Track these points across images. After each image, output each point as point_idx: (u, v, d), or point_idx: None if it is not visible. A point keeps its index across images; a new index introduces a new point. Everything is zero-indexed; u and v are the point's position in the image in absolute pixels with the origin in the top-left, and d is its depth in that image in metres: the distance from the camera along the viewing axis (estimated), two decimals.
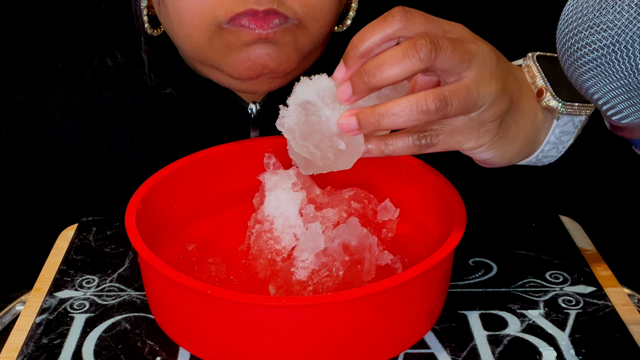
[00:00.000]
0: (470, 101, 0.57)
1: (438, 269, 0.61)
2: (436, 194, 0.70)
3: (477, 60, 0.57)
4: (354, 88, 0.57)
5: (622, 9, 0.48)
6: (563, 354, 0.61)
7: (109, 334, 0.64)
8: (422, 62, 0.54)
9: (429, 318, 0.63)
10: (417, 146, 0.58)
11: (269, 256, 0.65)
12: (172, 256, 0.68)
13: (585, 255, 0.73)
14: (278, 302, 0.57)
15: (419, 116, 0.56)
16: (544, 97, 0.64)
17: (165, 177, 0.71)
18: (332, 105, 0.59)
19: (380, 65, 0.55)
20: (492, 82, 0.58)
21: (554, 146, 0.66)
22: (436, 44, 0.54)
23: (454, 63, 0.56)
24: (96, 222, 0.78)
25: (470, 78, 0.57)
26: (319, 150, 0.60)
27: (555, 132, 0.65)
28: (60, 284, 0.70)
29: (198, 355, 0.61)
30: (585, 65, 0.51)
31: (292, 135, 0.61)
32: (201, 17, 0.72)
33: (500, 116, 0.60)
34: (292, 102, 0.60)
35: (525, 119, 0.63)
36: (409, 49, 0.54)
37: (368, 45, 0.56)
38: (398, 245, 0.69)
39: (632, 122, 0.53)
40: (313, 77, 0.60)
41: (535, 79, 0.64)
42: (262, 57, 0.73)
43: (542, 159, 0.67)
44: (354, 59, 0.57)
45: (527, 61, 0.66)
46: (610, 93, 0.52)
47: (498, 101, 0.58)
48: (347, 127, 0.57)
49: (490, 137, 0.60)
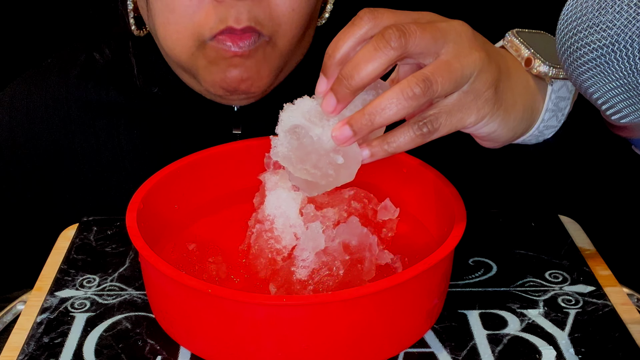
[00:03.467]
0: (455, 74, 0.56)
1: (438, 268, 0.61)
2: (436, 193, 0.70)
3: (452, 35, 0.57)
4: (337, 96, 0.57)
5: (622, 8, 0.49)
6: (562, 353, 0.61)
7: (109, 333, 0.64)
8: (395, 50, 0.54)
9: (429, 317, 0.63)
10: (421, 135, 0.57)
11: (270, 255, 0.65)
12: (173, 255, 0.68)
13: (585, 254, 0.73)
14: (278, 301, 0.57)
15: (408, 103, 0.55)
16: (533, 65, 0.63)
17: (166, 177, 0.72)
18: (321, 123, 0.59)
19: (357, 65, 0.55)
20: (473, 52, 0.57)
21: (553, 114, 0.65)
22: (404, 30, 0.55)
23: (427, 43, 0.55)
24: (97, 222, 0.79)
25: (448, 53, 0.56)
26: (319, 170, 0.59)
27: (552, 97, 0.64)
28: (61, 283, 0.70)
29: (199, 354, 0.61)
30: (585, 65, 0.52)
31: (289, 162, 0.60)
32: (186, 32, 0.74)
33: (493, 83, 0.59)
34: (280, 130, 0.60)
35: (519, 86, 0.62)
36: (379, 41, 0.55)
37: (343, 51, 0.57)
38: (398, 244, 0.70)
39: (632, 121, 0.53)
40: (295, 101, 0.60)
41: (520, 51, 0.64)
42: (235, 80, 0.75)
43: (544, 130, 0.66)
44: (333, 68, 0.57)
45: (507, 37, 0.65)
46: (609, 92, 0.52)
47: (485, 68, 0.58)
48: (342, 138, 0.57)
49: (490, 107, 0.59)
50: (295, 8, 0.74)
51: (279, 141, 0.60)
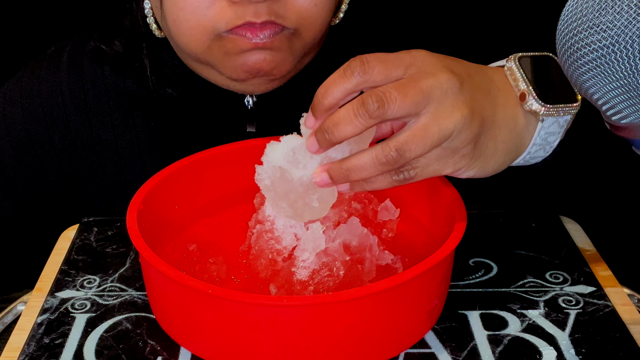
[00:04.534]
0: (430, 139, 0.58)
1: (438, 268, 0.61)
2: (436, 194, 0.70)
3: (436, 94, 0.58)
4: (319, 142, 0.60)
5: (622, 9, 0.49)
6: (563, 353, 0.61)
7: (110, 334, 0.64)
8: (373, 119, 0.57)
9: (429, 318, 0.63)
10: (397, 181, 0.60)
11: (270, 256, 0.65)
12: (173, 256, 0.68)
13: (585, 255, 0.73)
14: (279, 302, 0.57)
15: (382, 167, 0.58)
16: (526, 101, 0.63)
17: (167, 178, 0.72)
18: (304, 161, 0.62)
19: (337, 124, 0.58)
20: (454, 112, 0.58)
21: (541, 147, 0.66)
22: (384, 99, 0.56)
23: (407, 109, 0.57)
24: (97, 223, 0.79)
25: (427, 116, 0.58)
26: (294, 209, 0.63)
27: (541, 134, 0.65)
28: (62, 284, 0.70)
29: (199, 354, 0.61)
30: (585, 65, 0.52)
31: (270, 195, 0.65)
32: (200, 27, 0.73)
33: (472, 139, 0.60)
34: (266, 160, 0.64)
35: (504, 132, 0.63)
36: (358, 108, 0.57)
37: (330, 101, 0.59)
38: (398, 245, 0.70)
39: (632, 122, 0.53)
40: (282, 138, 0.64)
41: (517, 82, 0.64)
42: (258, 62, 0.75)
43: (529, 160, 0.67)
44: (321, 112, 0.60)
45: (509, 63, 0.65)
46: (609, 93, 0.52)
47: (466, 127, 0.59)
48: (322, 183, 0.61)
49: (467, 160, 0.61)
50: (318, 3, 0.74)
51: (263, 171, 0.64)
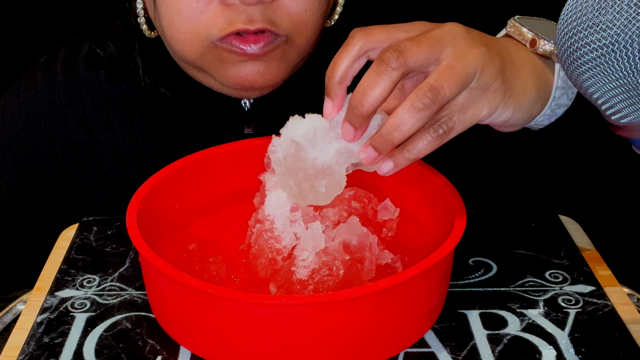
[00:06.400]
0: (459, 75, 0.57)
1: (438, 268, 0.61)
2: (436, 193, 0.70)
3: (447, 39, 0.58)
4: (353, 125, 0.59)
5: (622, 8, 0.49)
6: (563, 353, 0.61)
7: (109, 333, 0.64)
8: (396, 70, 0.56)
9: (429, 317, 0.63)
10: (438, 137, 0.58)
11: (270, 255, 0.65)
12: (173, 255, 0.68)
13: (585, 254, 0.73)
14: (279, 301, 0.57)
15: (420, 115, 0.57)
16: (538, 45, 0.64)
17: (166, 177, 0.72)
18: (322, 144, 0.61)
19: (364, 93, 0.57)
20: (472, 49, 0.58)
21: (564, 91, 0.65)
22: (400, 49, 0.56)
23: (426, 54, 0.57)
24: (97, 222, 0.79)
25: (448, 58, 0.57)
26: (300, 189, 0.62)
27: (561, 74, 0.65)
28: (61, 283, 0.70)
29: (199, 354, 0.61)
30: (585, 65, 0.52)
31: (280, 168, 0.63)
32: (194, 32, 0.73)
33: (499, 74, 0.60)
34: (284, 133, 0.63)
35: (526, 69, 0.63)
36: (379, 65, 0.56)
37: (341, 71, 0.59)
38: (398, 244, 0.70)
39: (632, 121, 0.53)
40: (307, 115, 0.63)
41: (523, 34, 0.65)
42: (251, 74, 0.75)
43: (555, 109, 0.66)
44: (334, 88, 0.60)
45: (510, 23, 0.66)
46: (609, 92, 0.52)
47: (487, 62, 0.59)
48: (369, 158, 0.60)
49: (501, 97, 0.60)
50: (309, 9, 0.74)
51: (279, 144, 0.62)
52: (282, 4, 0.73)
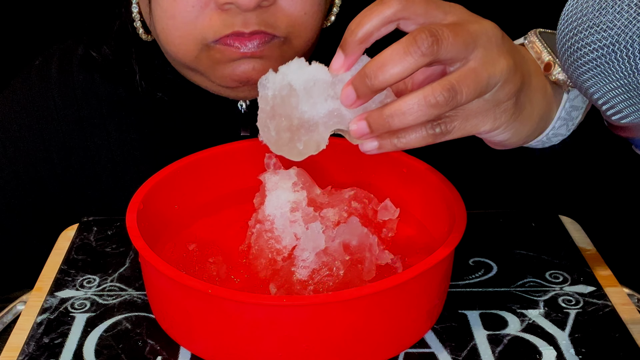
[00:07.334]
0: (481, 84, 0.54)
1: (438, 268, 0.61)
2: (436, 194, 0.70)
3: (482, 40, 0.54)
4: (357, 92, 0.54)
5: (622, 9, 0.49)
6: (563, 353, 0.61)
7: (109, 334, 0.64)
8: (425, 57, 0.52)
9: (429, 317, 0.63)
10: (432, 135, 0.55)
11: (270, 255, 0.65)
12: (173, 256, 0.68)
13: (585, 255, 0.73)
14: (279, 302, 0.57)
15: (429, 111, 0.53)
16: (552, 71, 0.61)
17: (166, 177, 0.72)
18: (316, 99, 0.56)
19: (382, 66, 0.52)
20: (500, 60, 0.55)
21: (564, 122, 0.64)
22: (437, 35, 0.52)
23: (458, 50, 0.53)
24: (97, 222, 0.79)
25: (477, 60, 0.54)
26: (277, 137, 0.57)
27: (566, 106, 0.63)
28: (61, 283, 0.70)
29: (199, 354, 0.61)
30: (585, 65, 0.52)
31: (264, 106, 0.58)
32: (189, 36, 0.73)
33: (515, 94, 0.57)
34: (282, 71, 0.57)
35: (538, 96, 0.60)
36: (409, 44, 0.51)
37: (367, 30, 0.54)
38: (398, 244, 0.70)
39: (632, 121, 0.53)
40: (313, 63, 0.57)
41: (541, 54, 0.62)
42: (247, 71, 0.74)
43: (551, 137, 0.65)
44: (352, 46, 0.54)
45: (530, 37, 0.63)
46: (609, 93, 0.52)
47: (510, 78, 0.55)
48: (359, 132, 0.55)
49: (507, 118, 0.57)
50: (308, 11, 0.74)
51: (273, 80, 0.58)
52: (280, 7, 0.72)
